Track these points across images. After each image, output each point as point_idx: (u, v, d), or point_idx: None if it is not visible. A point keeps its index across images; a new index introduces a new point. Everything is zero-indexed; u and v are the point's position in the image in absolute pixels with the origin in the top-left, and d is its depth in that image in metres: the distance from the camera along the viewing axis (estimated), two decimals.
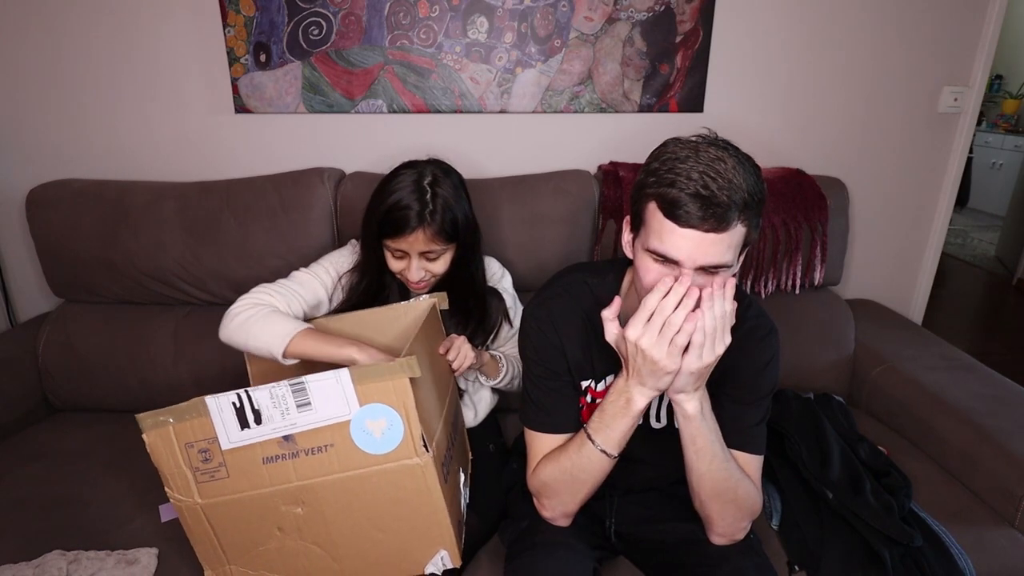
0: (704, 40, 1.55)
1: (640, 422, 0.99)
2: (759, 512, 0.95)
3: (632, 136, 1.63)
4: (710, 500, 0.91)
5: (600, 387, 0.99)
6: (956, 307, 3.41)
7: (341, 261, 1.23)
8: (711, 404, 0.90)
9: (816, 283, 1.56)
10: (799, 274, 1.54)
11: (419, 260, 1.11)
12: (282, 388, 0.82)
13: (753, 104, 1.64)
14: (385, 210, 1.08)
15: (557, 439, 0.96)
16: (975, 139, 4.29)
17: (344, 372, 0.81)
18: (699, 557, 0.96)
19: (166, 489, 0.87)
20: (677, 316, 0.77)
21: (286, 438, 0.85)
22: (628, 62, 1.56)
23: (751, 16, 1.56)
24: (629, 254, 0.89)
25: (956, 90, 1.66)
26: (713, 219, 0.74)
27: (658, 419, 1.00)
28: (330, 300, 1.21)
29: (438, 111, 1.57)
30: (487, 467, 1.22)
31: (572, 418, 0.97)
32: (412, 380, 0.83)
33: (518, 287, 1.38)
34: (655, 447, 1.00)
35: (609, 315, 0.84)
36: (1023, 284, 3.63)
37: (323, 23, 1.48)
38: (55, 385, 1.47)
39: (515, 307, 1.30)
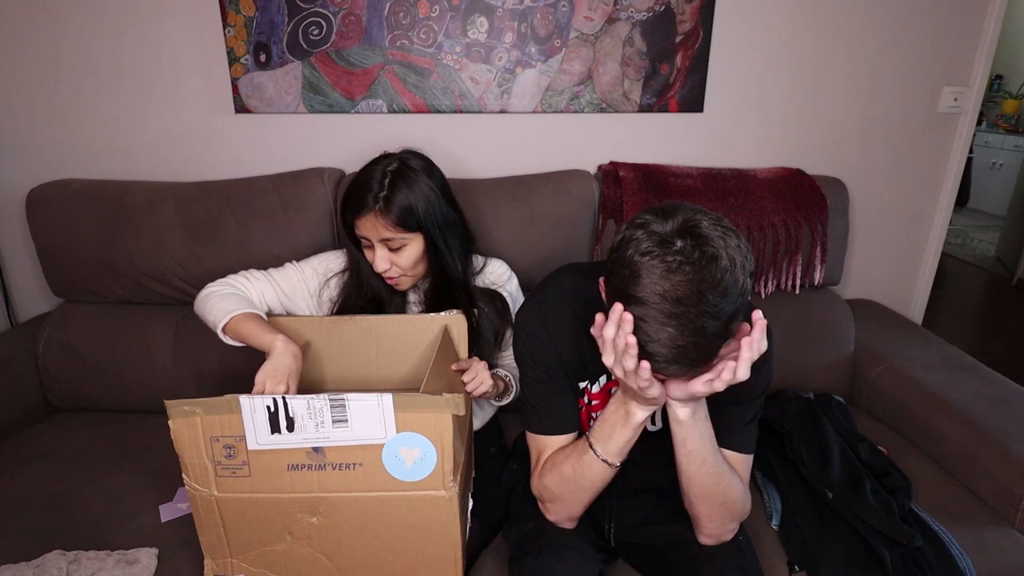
0: (704, 40, 1.55)
1: None
2: (748, 513, 0.95)
3: (632, 136, 1.63)
4: (699, 501, 0.92)
5: (596, 388, 0.99)
6: (956, 307, 3.41)
7: (332, 261, 1.24)
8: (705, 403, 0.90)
9: (816, 283, 1.56)
10: (799, 274, 1.54)
11: (383, 249, 1.10)
12: (320, 401, 0.82)
13: (753, 104, 1.64)
14: (347, 192, 1.10)
15: (559, 440, 0.96)
16: (975, 139, 4.29)
17: (387, 397, 0.81)
18: (685, 558, 0.96)
19: (184, 476, 0.87)
20: (644, 371, 0.74)
21: (316, 449, 0.85)
22: (628, 62, 1.55)
23: (751, 16, 1.56)
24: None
25: (956, 90, 1.66)
26: (698, 365, 0.73)
27: (653, 422, 1.00)
28: (318, 298, 1.22)
29: (438, 111, 1.57)
30: (489, 470, 1.22)
31: (572, 418, 0.97)
32: (454, 417, 0.83)
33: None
34: (651, 450, 1.00)
35: (596, 332, 0.81)
36: (1023, 284, 3.63)
37: (323, 23, 1.48)
38: (55, 385, 1.47)
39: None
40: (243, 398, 0.83)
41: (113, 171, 1.58)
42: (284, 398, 0.83)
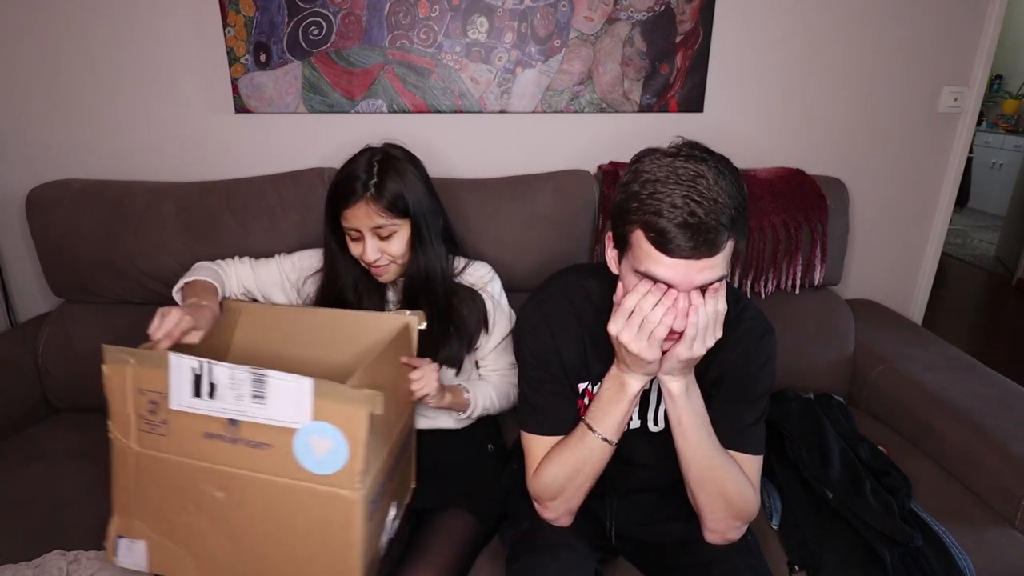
0: (704, 40, 1.55)
1: (638, 425, 1.00)
2: (755, 514, 0.94)
3: (632, 136, 1.63)
4: (698, 489, 0.92)
5: (597, 389, 0.99)
6: (956, 307, 3.41)
7: (314, 259, 1.25)
8: (707, 403, 0.91)
9: (816, 283, 1.56)
10: (799, 274, 1.53)
11: (373, 238, 1.10)
12: (244, 372, 0.81)
13: (753, 104, 1.64)
14: (335, 184, 1.11)
15: (555, 442, 0.96)
16: (975, 139, 4.29)
17: (308, 381, 0.79)
18: (693, 557, 0.96)
19: (108, 422, 0.89)
20: (655, 314, 0.79)
21: (232, 422, 0.83)
22: (628, 62, 1.56)
23: (751, 16, 1.56)
24: (614, 270, 0.87)
25: (956, 90, 1.66)
26: (704, 246, 0.74)
27: (656, 423, 1.00)
28: (297, 292, 1.25)
29: (438, 111, 1.57)
30: (486, 468, 1.22)
31: (570, 421, 0.96)
32: (371, 415, 0.80)
33: (518, 287, 1.37)
34: (653, 450, 1.00)
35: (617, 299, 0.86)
36: (1023, 284, 3.63)
37: (323, 23, 1.48)
38: (55, 385, 1.47)
39: (500, 313, 1.23)
40: (173, 355, 0.82)
41: (113, 171, 1.58)
42: (211, 363, 0.82)
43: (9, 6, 1.47)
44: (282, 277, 1.26)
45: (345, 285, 1.19)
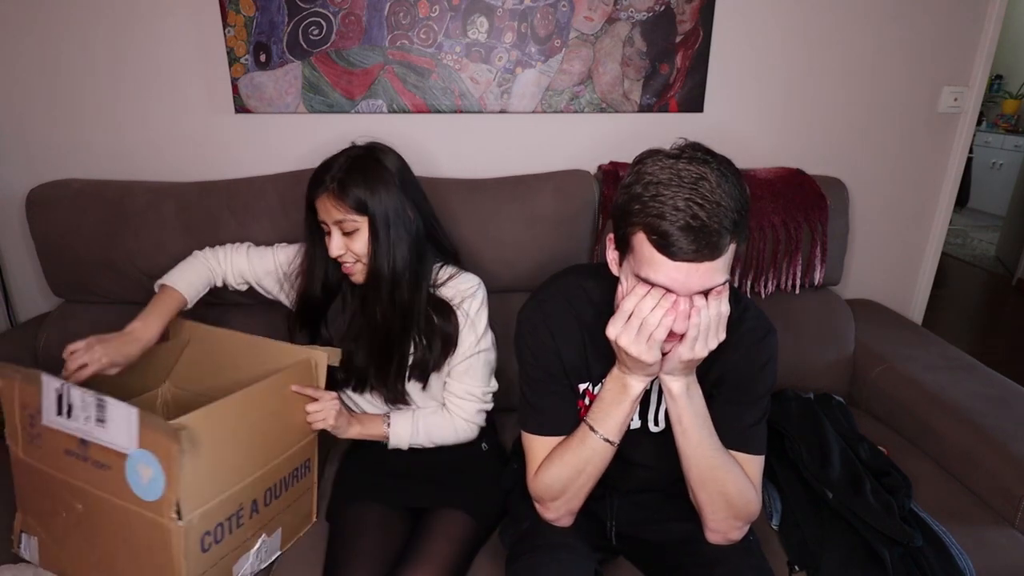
0: (704, 40, 1.55)
1: (639, 425, 1.00)
2: (756, 514, 0.94)
3: (632, 136, 1.63)
4: (699, 488, 0.92)
5: (598, 390, 0.98)
6: (956, 307, 3.41)
7: (297, 252, 1.26)
8: (708, 404, 0.91)
9: (816, 283, 1.56)
10: (799, 274, 1.54)
11: (338, 233, 1.10)
12: (90, 397, 0.87)
13: (753, 104, 1.64)
14: (312, 175, 1.12)
15: (556, 442, 0.96)
16: (975, 139, 4.29)
17: (135, 410, 0.84)
18: (696, 557, 0.96)
19: (5, 430, 1.00)
20: (654, 316, 0.79)
21: (83, 441, 0.90)
22: (628, 62, 1.56)
23: (751, 16, 1.56)
24: (616, 272, 0.87)
25: (956, 90, 1.66)
26: (706, 249, 0.74)
27: (656, 423, 1.00)
28: (288, 282, 1.25)
29: (438, 111, 1.57)
30: (482, 466, 1.22)
31: (570, 421, 0.96)
32: (193, 449, 0.84)
33: (518, 287, 1.37)
34: (654, 450, 1.00)
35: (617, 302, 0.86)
36: (1023, 284, 3.63)
37: (323, 23, 1.48)
38: None
39: (470, 330, 1.15)
40: (44, 376, 0.90)
41: (113, 171, 1.58)
42: (69, 386, 0.88)
43: (9, 6, 1.47)
44: (276, 267, 1.27)
45: (317, 285, 1.19)
